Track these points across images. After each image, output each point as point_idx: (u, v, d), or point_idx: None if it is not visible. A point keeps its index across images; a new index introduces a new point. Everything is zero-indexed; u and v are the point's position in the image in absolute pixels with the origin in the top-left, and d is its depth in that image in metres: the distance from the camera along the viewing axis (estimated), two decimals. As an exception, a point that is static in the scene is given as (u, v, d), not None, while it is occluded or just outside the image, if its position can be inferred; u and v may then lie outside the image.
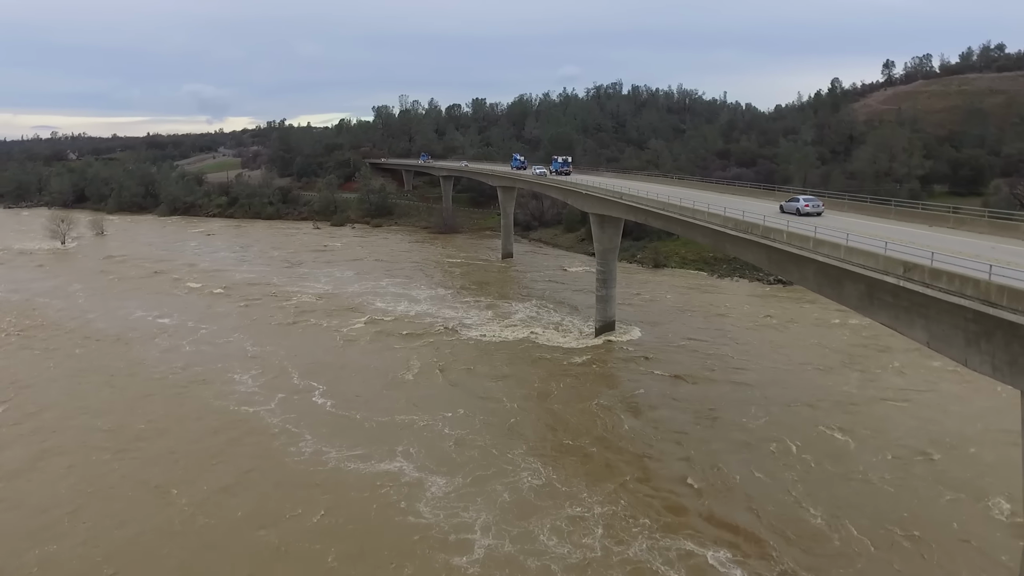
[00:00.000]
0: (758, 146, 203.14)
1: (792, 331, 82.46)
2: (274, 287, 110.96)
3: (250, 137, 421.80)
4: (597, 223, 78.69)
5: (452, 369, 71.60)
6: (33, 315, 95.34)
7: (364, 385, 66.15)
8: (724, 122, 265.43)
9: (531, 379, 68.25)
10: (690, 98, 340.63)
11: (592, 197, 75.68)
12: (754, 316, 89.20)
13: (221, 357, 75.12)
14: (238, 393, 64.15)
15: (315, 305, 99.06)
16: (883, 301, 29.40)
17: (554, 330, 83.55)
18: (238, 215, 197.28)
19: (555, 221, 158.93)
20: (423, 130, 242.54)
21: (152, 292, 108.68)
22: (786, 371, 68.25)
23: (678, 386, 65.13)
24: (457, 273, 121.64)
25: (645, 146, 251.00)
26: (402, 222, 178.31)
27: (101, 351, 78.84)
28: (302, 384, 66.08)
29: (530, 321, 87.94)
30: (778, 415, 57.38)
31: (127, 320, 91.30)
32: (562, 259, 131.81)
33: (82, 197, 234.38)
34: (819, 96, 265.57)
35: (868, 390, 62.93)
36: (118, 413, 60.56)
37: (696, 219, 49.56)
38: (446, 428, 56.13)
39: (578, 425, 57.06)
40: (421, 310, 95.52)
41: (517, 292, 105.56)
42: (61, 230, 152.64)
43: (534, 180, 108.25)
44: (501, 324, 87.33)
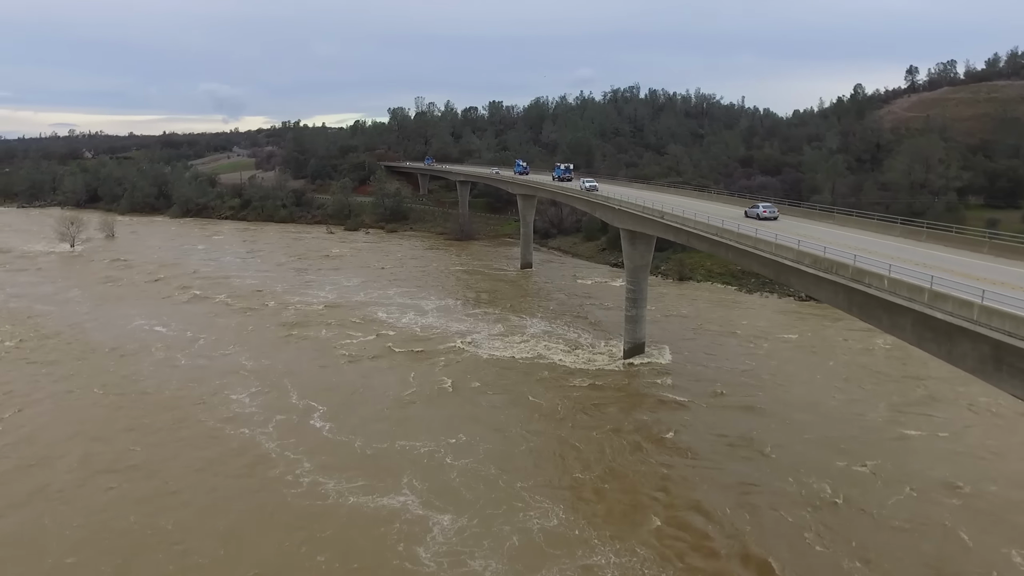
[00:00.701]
0: (781, 153, 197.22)
1: (827, 353, 76.95)
2: (277, 295, 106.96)
3: (265, 137, 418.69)
4: (628, 239, 73.25)
5: (460, 390, 67.23)
6: (31, 324, 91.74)
7: (365, 406, 62.68)
8: (744, 128, 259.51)
9: (548, 404, 63.44)
10: (707, 102, 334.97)
11: (625, 213, 70.13)
12: (788, 337, 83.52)
13: (218, 372, 71.62)
14: (235, 414, 60.79)
15: (318, 315, 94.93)
16: (1016, 368, 23.88)
17: (577, 350, 78.35)
18: (251, 217, 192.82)
19: (574, 229, 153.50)
20: (439, 133, 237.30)
21: (153, 299, 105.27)
22: (829, 401, 62.76)
23: (713, 418, 59.84)
24: (472, 283, 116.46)
25: (663, 151, 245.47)
26: (417, 227, 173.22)
27: (97, 365, 74.92)
28: (301, 404, 62.69)
29: (550, 339, 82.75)
30: (818, 452, 52.15)
31: (125, 329, 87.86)
32: (583, 270, 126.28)
33: (95, 197, 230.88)
34: (842, 102, 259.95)
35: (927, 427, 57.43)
36: (111, 439, 56.77)
37: (759, 249, 44.02)
38: (449, 456, 52.57)
39: (597, 459, 52.54)
40: (432, 323, 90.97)
41: (536, 306, 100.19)
42: (70, 233, 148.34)
43: (558, 190, 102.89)
44: (518, 341, 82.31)
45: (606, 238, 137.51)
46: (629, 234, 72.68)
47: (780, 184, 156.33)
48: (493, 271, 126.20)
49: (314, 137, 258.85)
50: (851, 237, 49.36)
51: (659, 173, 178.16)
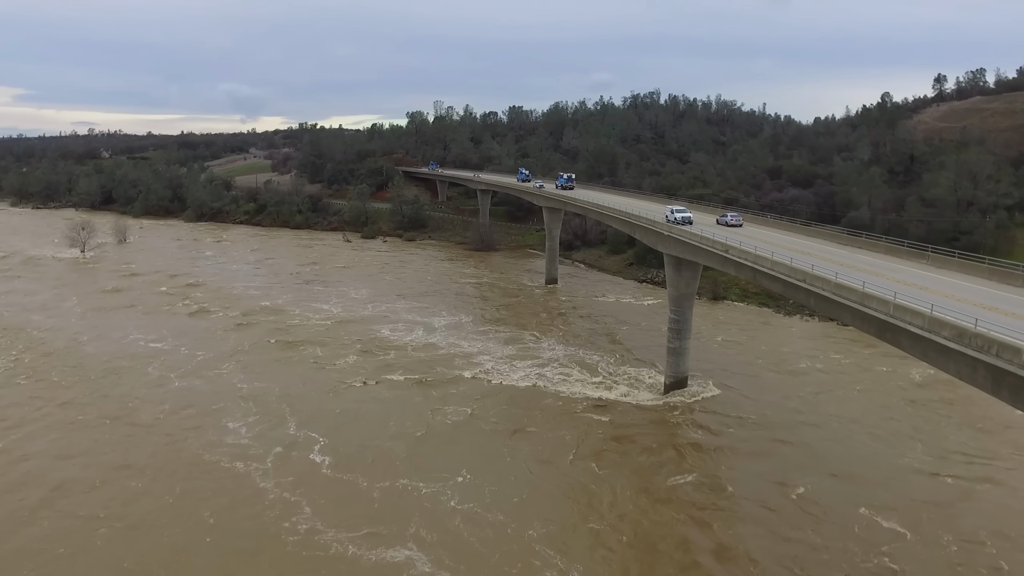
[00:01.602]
0: (809, 164, 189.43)
1: (883, 389, 70.14)
2: (281, 308, 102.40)
3: (281, 139, 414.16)
4: (672, 265, 66.59)
5: (471, 422, 62.61)
6: (25, 338, 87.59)
7: (366, 438, 58.39)
8: (768, 136, 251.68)
9: (574, 442, 57.79)
10: (728, 109, 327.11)
11: (673, 239, 63.24)
12: (837, 368, 76.82)
13: (214, 395, 67.59)
14: (230, 445, 56.76)
15: (321, 332, 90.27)
16: None
17: (611, 381, 72.00)
18: (265, 223, 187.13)
19: (598, 241, 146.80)
20: (458, 138, 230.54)
21: (154, 312, 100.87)
22: (889, 452, 55.82)
23: (763, 468, 53.16)
24: (492, 299, 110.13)
25: (686, 159, 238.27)
26: (436, 236, 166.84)
27: (90, 385, 70.82)
28: (300, 435, 58.65)
29: (582, 367, 76.37)
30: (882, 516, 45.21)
31: (121, 345, 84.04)
32: (610, 286, 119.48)
33: (109, 199, 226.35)
34: (867, 111, 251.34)
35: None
36: (102, 469, 53.03)
37: (843, 297, 37.34)
38: (456, 499, 48.48)
39: (629, 513, 47.18)
40: (442, 343, 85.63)
41: (563, 327, 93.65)
42: (81, 238, 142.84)
43: (590, 206, 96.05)
44: (543, 368, 76.24)
45: (633, 252, 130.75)
46: (674, 260, 66.00)
47: (813, 197, 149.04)
48: (515, 286, 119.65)
49: (331, 140, 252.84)
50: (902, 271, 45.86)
51: (684, 183, 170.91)
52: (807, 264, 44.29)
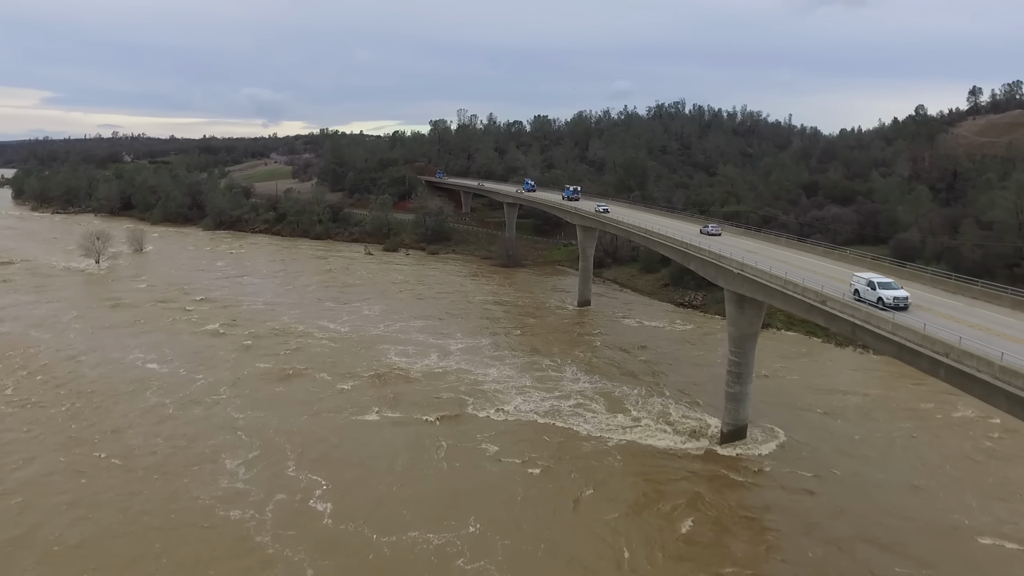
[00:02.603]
0: (844, 178, 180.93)
1: (959, 435, 62.06)
2: (289, 326, 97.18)
3: (303, 144, 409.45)
4: (734, 302, 59.14)
5: (491, 462, 57.33)
6: (22, 357, 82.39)
7: (371, 481, 53.75)
8: (797, 148, 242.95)
9: (606, 497, 51.48)
10: (753, 119, 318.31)
11: (742, 278, 55.56)
12: (905, 411, 68.80)
13: (211, 427, 63.20)
14: (226, 489, 52.22)
15: (329, 355, 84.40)
16: None
17: (656, 423, 64.77)
18: (285, 232, 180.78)
19: (630, 258, 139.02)
20: (483, 148, 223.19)
21: (159, 329, 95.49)
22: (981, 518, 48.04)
23: (843, 561, 44.92)
24: (519, 322, 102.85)
25: (713, 171, 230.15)
26: (460, 250, 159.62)
27: (83, 414, 66.14)
28: (301, 477, 54.03)
29: (619, 405, 69.52)
30: None
31: (121, 366, 79.63)
32: (646, 310, 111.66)
33: (128, 205, 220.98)
34: (903, 123, 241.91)
35: None
36: (92, 523, 47.92)
37: (966, 366, 30.08)
38: (468, 555, 43.93)
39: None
40: (464, 371, 79.34)
41: (600, 357, 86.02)
42: (96, 248, 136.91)
43: (632, 229, 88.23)
44: (574, 405, 69.31)
45: (667, 272, 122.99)
46: (736, 297, 58.53)
47: (856, 216, 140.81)
48: (544, 307, 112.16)
49: (352, 148, 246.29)
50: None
51: (717, 198, 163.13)
52: (918, 323, 36.76)
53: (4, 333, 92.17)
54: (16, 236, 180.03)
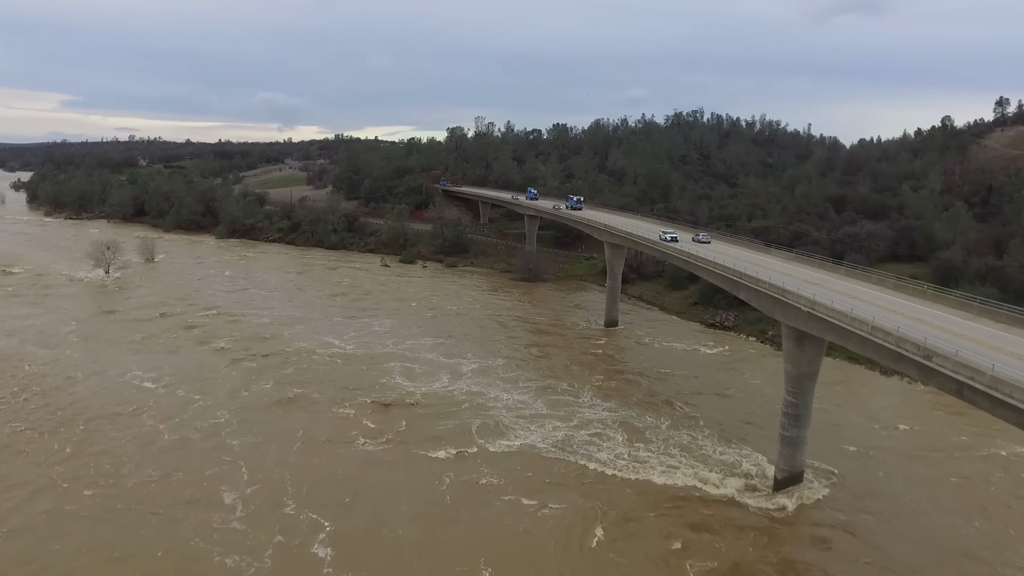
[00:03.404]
0: (872, 191, 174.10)
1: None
2: (293, 343, 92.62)
3: (317, 149, 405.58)
4: (793, 339, 53.28)
5: (505, 502, 52.60)
6: (16, 374, 78.48)
7: (375, 522, 49.80)
8: (820, 159, 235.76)
9: (644, 550, 46.70)
10: (772, 129, 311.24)
11: (808, 315, 49.52)
12: (973, 456, 62.49)
13: (208, 456, 59.47)
14: (222, 531, 48.36)
15: (333, 375, 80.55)
16: None
17: (694, 463, 59.30)
18: (299, 242, 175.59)
19: (655, 274, 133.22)
20: (501, 157, 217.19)
21: (160, 345, 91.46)
22: None
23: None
24: (543, 343, 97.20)
25: (733, 181, 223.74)
26: (478, 262, 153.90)
27: (75, 438, 62.60)
28: (301, 517, 50.15)
29: (653, 438, 64.12)
30: None
31: (117, 385, 76.16)
32: (675, 330, 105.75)
33: (141, 211, 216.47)
34: (930, 134, 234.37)
35: None
36: (74, 562, 44.76)
37: None
38: None
39: None
40: (475, 396, 74.41)
41: (631, 386, 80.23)
42: (106, 258, 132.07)
43: (671, 251, 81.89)
44: (610, 444, 63.38)
45: (696, 289, 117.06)
46: (796, 333, 52.61)
47: (891, 232, 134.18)
48: (569, 327, 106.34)
49: (368, 155, 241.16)
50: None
51: (742, 211, 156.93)
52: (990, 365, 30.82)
53: (8, 352, 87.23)
54: (26, 243, 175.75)
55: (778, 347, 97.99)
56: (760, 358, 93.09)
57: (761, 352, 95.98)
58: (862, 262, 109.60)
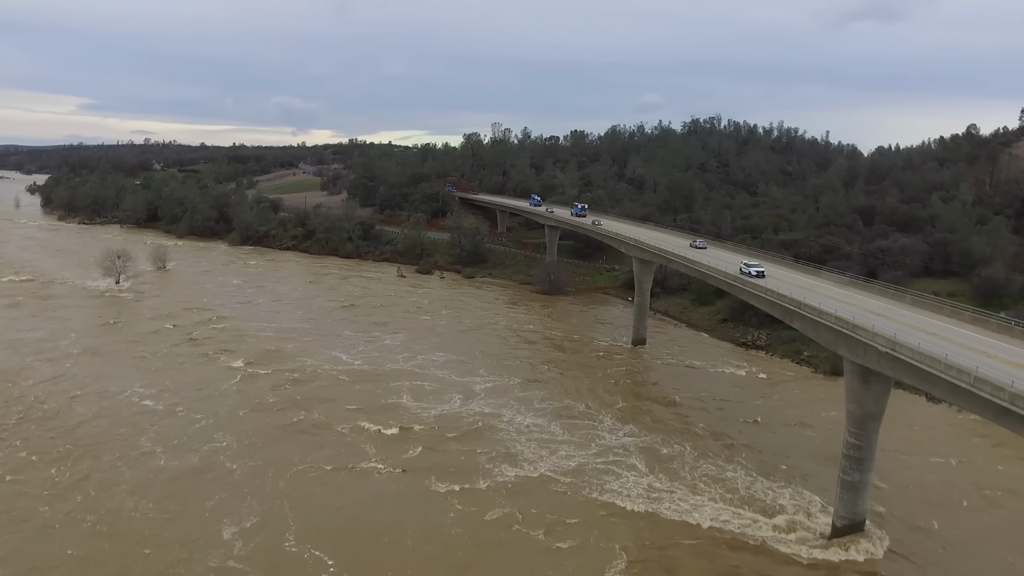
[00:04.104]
0: (900, 202, 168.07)
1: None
2: (300, 358, 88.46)
3: (331, 154, 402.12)
4: (857, 375, 48.22)
5: (520, 540, 48.90)
6: (11, 392, 74.64)
7: (379, 560, 46.38)
8: (842, 168, 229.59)
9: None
10: (790, 136, 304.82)
11: (886, 356, 44.21)
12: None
13: (207, 483, 56.00)
14: (220, 570, 44.88)
15: (340, 393, 76.72)
16: None
17: (734, 502, 54.42)
18: (313, 250, 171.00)
19: (680, 287, 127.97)
20: (519, 164, 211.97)
21: (165, 359, 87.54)
22: None
23: None
24: (567, 361, 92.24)
25: (753, 189, 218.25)
26: (496, 273, 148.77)
27: (68, 463, 58.94)
28: (305, 556, 46.50)
29: (690, 473, 59.20)
30: None
31: (117, 403, 72.49)
32: (705, 349, 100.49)
33: (155, 216, 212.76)
34: (956, 143, 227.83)
35: None
36: None
37: None
38: None
39: None
40: (491, 418, 70.42)
41: (662, 411, 75.03)
42: (116, 267, 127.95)
43: (712, 272, 76.36)
44: (633, 472, 58.84)
45: (724, 305, 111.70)
46: (862, 370, 47.47)
47: (926, 246, 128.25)
48: (594, 344, 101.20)
49: (383, 160, 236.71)
50: None
51: (768, 223, 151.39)
52: None
53: (6, 366, 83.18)
54: (37, 248, 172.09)
55: (815, 369, 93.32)
56: (797, 382, 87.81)
57: (797, 375, 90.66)
58: (898, 279, 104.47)
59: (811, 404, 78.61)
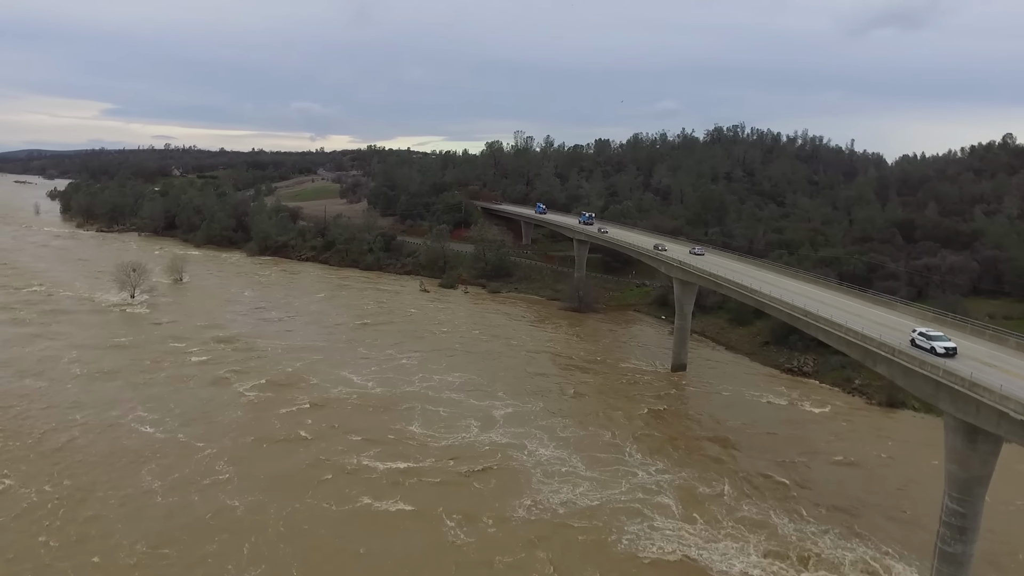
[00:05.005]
0: (939, 215, 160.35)
1: None
2: (310, 377, 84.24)
3: (350, 160, 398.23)
4: (963, 433, 41.56)
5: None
6: (10, 415, 70.44)
7: None
8: (873, 179, 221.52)
9: None
10: (814, 144, 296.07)
11: (995, 410, 37.77)
12: None
13: (207, 524, 51.42)
14: None
15: (350, 419, 72.23)
16: None
17: (802, 564, 47.84)
18: (333, 261, 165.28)
19: (715, 306, 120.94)
20: (543, 174, 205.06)
21: (169, 380, 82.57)
22: None
23: None
24: (599, 388, 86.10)
25: (780, 199, 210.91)
26: (522, 288, 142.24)
27: (65, 495, 55.03)
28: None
29: (743, 524, 52.60)
30: None
31: (117, 430, 67.64)
32: (749, 376, 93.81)
33: (172, 224, 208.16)
34: (991, 152, 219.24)
35: None
36: None
37: None
38: None
39: None
40: (509, 450, 64.83)
41: (711, 451, 68.46)
42: (131, 281, 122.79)
43: (774, 303, 68.91)
44: (675, 521, 52.77)
45: (765, 327, 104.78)
46: (967, 427, 40.78)
47: (974, 263, 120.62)
48: (630, 369, 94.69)
49: (403, 169, 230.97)
50: None
51: (804, 237, 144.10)
52: None
53: (5, 388, 78.61)
54: (52, 258, 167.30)
55: (868, 399, 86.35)
56: (851, 414, 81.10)
57: (850, 406, 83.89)
58: (955, 303, 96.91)
59: (870, 441, 72.12)
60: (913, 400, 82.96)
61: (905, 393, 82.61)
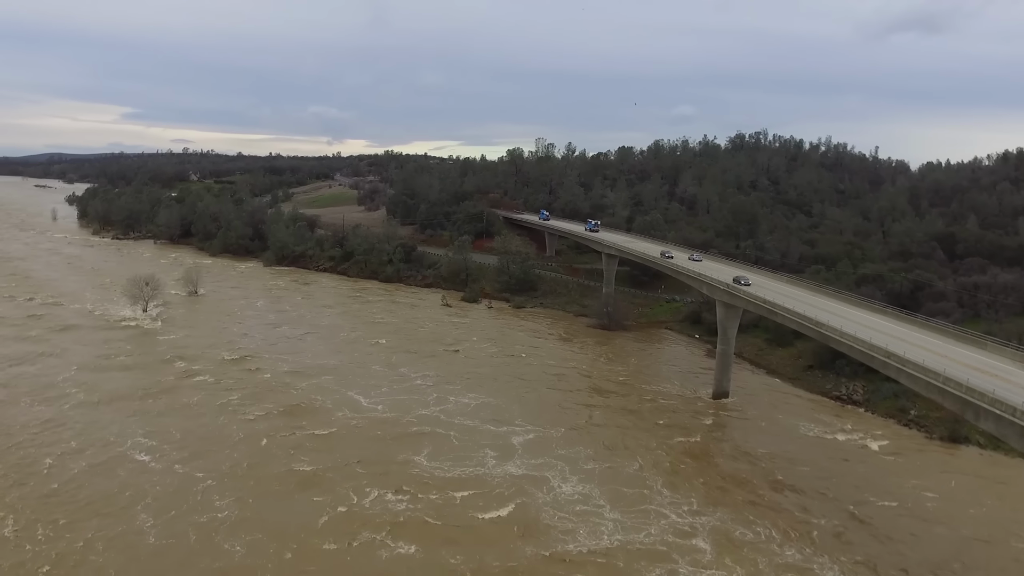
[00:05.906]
0: (979, 227, 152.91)
1: None
2: (318, 399, 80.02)
3: (366, 165, 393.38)
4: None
5: None
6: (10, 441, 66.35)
7: None
8: (903, 188, 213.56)
9: None
10: (837, 152, 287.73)
11: None
12: None
13: (200, 569, 47.95)
14: None
15: (359, 450, 67.37)
16: None
17: None
18: (351, 272, 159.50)
19: (751, 324, 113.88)
20: (566, 183, 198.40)
21: (172, 405, 77.69)
22: None
23: None
24: (631, 417, 79.61)
25: (806, 208, 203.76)
26: (547, 302, 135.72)
27: (54, 533, 51.37)
28: None
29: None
30: None
31: (114, 460, 63.48)
32: (793, 403, 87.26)
33: (188, 232, 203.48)
34: (1013, 159, 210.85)
35: None
36: None
37: None
38: None
39: None
40: (528, 487, 56.75)
41: (766, 492, 62.05)
42: (144, 294, 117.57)
43: (841, 336, 62.48)
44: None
45: (808, 348, 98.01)
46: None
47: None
48: (661, 393, 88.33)
49: (422, 176, 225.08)
50: None
51: (841, 251, 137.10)
52: None
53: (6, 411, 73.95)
54: (65, 267, 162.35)
55: (928, 434, 79.34)
56: (908, 450, 74.36)
57: (907, 440, 77.12)
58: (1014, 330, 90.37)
59: (934, 484, 65.27)
60: (978, 435, 76.35)
61: (969, 426, 76.17)
